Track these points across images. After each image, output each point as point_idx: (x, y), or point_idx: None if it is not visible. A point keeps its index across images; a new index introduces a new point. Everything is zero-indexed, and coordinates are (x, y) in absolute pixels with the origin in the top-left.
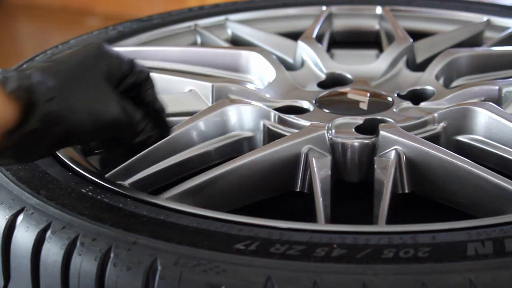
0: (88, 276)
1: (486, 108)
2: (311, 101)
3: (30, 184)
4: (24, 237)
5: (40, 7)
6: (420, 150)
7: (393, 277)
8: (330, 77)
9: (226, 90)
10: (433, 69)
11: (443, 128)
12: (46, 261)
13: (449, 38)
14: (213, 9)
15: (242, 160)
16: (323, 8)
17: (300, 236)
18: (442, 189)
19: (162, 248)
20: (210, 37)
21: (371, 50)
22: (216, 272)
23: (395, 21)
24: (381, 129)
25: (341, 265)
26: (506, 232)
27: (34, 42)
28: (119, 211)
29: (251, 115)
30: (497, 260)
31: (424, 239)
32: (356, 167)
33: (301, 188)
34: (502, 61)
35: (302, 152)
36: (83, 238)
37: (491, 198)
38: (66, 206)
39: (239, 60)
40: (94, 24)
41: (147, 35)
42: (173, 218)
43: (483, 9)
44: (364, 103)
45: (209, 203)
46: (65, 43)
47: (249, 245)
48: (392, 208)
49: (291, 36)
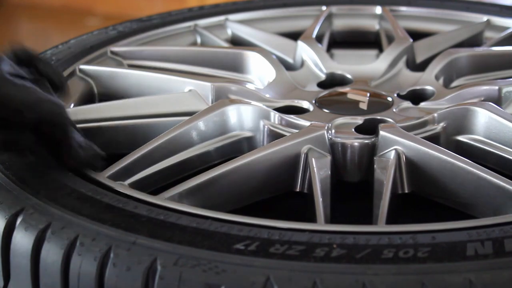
0: (88, 276)
1: (486, 108)
2: (311, 101)
3: (30, 184)
4: (24, 237)
5: (40, 7)
6: (420, 150)
7: (393, 277)
8: (330, 77)
9: (226, 90)
10: (433, 69)
11: (443, 128)
12: (46, 261)
13: (449, 38)
14: (213, 9)
15: (242, 160)
16: (323, 8)
17: (300, 236)
18: (442, 189)
19: (162, 248)
20: (210, 37)
21: (371, 50)
22: (216, 272)
23: (395, 21)
24: (381, 129)
25: (341, 265)
26: (506, 232)
27: (34, 42)
28: (119, 211)
29: (251, 115)
30: (497, 260)
31: (424, 239)
32: (356, 167)
33: (301, 188)
34: (502, 61)
35: (302, 152)
36: (83, 238)
37: (491, 198)
38: (66, 206)
39: (239, 60)
40: (94, 24)
41: (147, 35)
42: (173, 218)
43: (483, 9)
44: (364, 103)
45: (209, 203)
46: (65, 43)
47: (249, 245)
48: (392, 208)
49: (291, 36)
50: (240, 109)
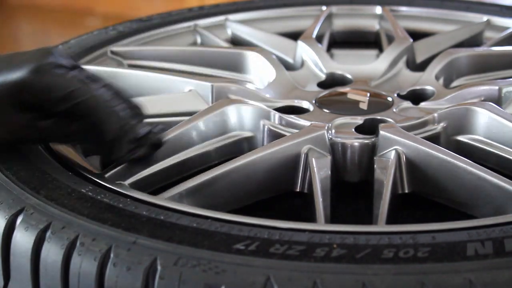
0: (88, 276)
1: (486, 108)
2: (311, 101)
3: (30, 184)
4: (24, 237)
5: (40, 7)
6: (420, 150)
7: (393, 277)
8: (330, 77)
9: (226, 90)
10: (433, 69)
11: (443, 128)
12: (46, 261)
13: (449, 38)
14: (213, 9)
15: (242, 160)
16: (323, 8)
17: (300, 236)
18: (442, 189)
19: (162, 248)
20: (210, 37)
21: (371, 50)
22: (216, 272)
23: (395, 21)
24: (381, 129)
25: (341, 265)
26: (506, 232)
27: (34, 42)
28: (119, 211)
29: (251, 115)
30: (497, 260)
31: (424, 239)
32: (356, 167)
33: (301, 188)
34: (502, 61)
35: (302, 152)
36: (83, 238)
37: (491, 198)
38: (66, 206)
39: (239, 60)
40: (94, 24)
41: (147, 35)
42: (173, 218)
43: (483, 9)
44: (364, 103)
45: (209, 203)
46: (65, 43)
47: (249, 245)
48: (392, 208)
49: (291, 36)
50: (240, 109)
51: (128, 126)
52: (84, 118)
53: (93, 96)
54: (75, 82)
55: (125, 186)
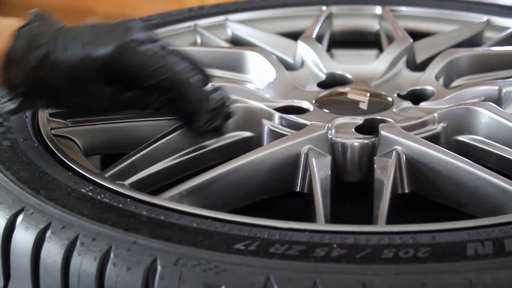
0: (88, 276)
1: (486, 108)
2: (311, 101)
3: (30, 184)
4: (24, 237)
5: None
6: (420, 150)
7: (393, 277)
8: (330, 77)
9: (226, 90)
10: (433, 69)
11: (443, 128)
12: (46, 261)
13: (449, 38)
14: (213, 9)
15: (242, 160)
16: (323, 8)
17: (300, 236)
18: (442, 189)
19: (162, 248)
20: (210, 37)
21: (371, 50)
22: (216, 272)
23: (395, 21)
24: (381, 129)
25: (341, 265)
26: (506, 232)
27: None
28: (119, 211)
29: (251, 115)
30: (497, 260)
31: (424, 239)
32: (356, 167)
33: (301, 188)
34: (502, 61)
35: (302, 152)
36: (83, 238)
37: (491, 198)
38: (66, 206)
39: (239, 60)
40: None
41: None
42: (173, 218)
43: (483, 9)
44: (364, 103)
45: (209, 203)
46: None
47: (249, 245)
48: (392, 208)
49: (291, 36)
50: (240, 109)
51: (205, 98)
52: (165, 92)
53: (176, 73)
54: (158, 59)
55: (125, 186)
